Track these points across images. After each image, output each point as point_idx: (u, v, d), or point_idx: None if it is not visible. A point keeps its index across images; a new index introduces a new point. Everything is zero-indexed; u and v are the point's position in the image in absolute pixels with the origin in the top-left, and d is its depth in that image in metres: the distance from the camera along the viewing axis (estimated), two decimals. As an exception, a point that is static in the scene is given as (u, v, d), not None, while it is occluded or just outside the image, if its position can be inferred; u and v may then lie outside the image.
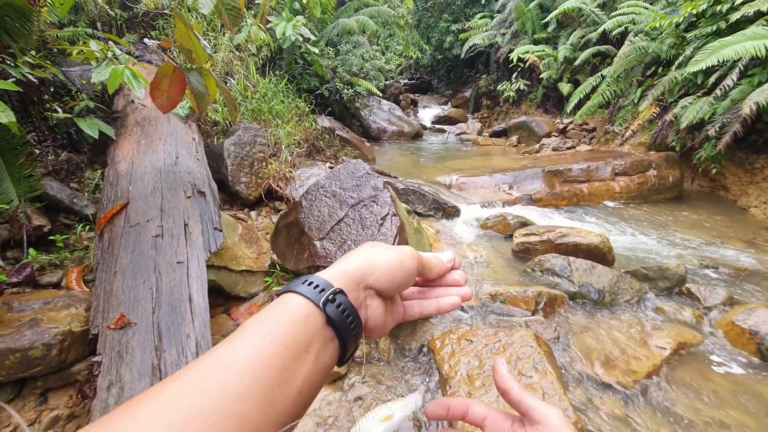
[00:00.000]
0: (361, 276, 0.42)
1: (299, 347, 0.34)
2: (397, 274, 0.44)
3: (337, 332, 0.38)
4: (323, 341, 0.37)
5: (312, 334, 0.36)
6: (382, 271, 0.43)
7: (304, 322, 0.36)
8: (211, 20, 4.31)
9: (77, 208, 2.50)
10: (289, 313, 0.36)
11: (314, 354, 0.36)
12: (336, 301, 0.38)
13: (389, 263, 0.44)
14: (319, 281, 0.39)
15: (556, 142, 7.14)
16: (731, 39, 3.94)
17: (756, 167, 4.34)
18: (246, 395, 0.30)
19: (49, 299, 1.88)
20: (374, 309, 0.43)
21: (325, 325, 0.37)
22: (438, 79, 14.77)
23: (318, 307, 0.37)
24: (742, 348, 2.08)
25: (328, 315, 0.37)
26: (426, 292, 0.52)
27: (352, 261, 0.43)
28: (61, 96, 2.84)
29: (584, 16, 7.86)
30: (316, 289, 0.38)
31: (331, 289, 0.38)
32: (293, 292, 0.38)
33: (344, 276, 0.41)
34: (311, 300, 0.37)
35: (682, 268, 2.67)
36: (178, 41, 1.84)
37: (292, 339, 0.34)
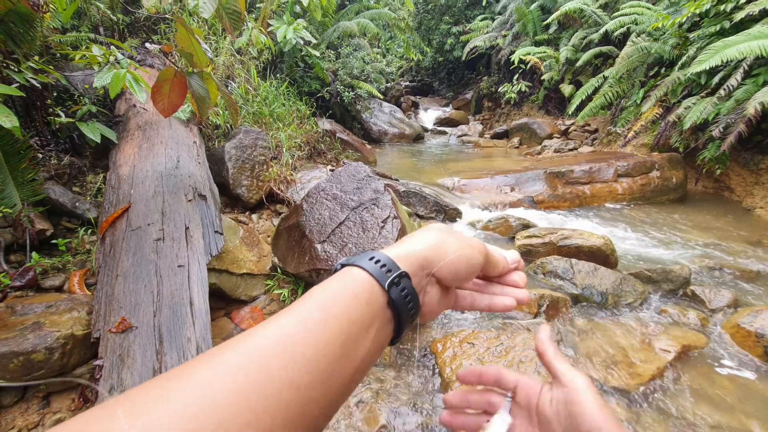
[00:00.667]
0: (426, 262, 0.41)
1: (361, 325, 0.34)
2: (461, 268, 0.43)
3: (396, 315, 0.38)
4: (382, 322, 0.37)
5: (374, 314, 0.36)
6: (448, 261, 0.42)
7: (367, 301, 0.35)
8: (212, 24, 4.34)
9: (79, 212, 2.51)
10: (354, 289, 0.36)
11: (373, 333, 0.35)
12: (400, 284, 0.38)
13: (456, 254, 0.43)
14: (386, 260, 0.38)
15: (558, 143, 7.12)
16: (735, 38, 3.92)
17: (761, 168, 4.31)
18: (309, 368, 0.29)
19: (52, 303, 1.89)
20: (431, 296, 0.43)
21: (386, 306, 0.37)
22: (439, 81, 14.78)
23: (383, 288, 0.37)
24: (749, 351, 2.06)
25: (391, 297, 0.37)
26: (482, 286, 0.51)
27: (420, 243, 0.42)
28: (63, 100, 2.86)
29: (586, 17, 7.85)
30: (383, 268, 0.37)
31: (398, 271, 0.38)
32: (359, 266, 0.38)
33: (410, 258, 0.40)
34: (377, 280, 0.37)
35: (686, 270, 2.65)
36: (180, 45, 1.85)
37: (355, 316, 0.34)
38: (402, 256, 0.40)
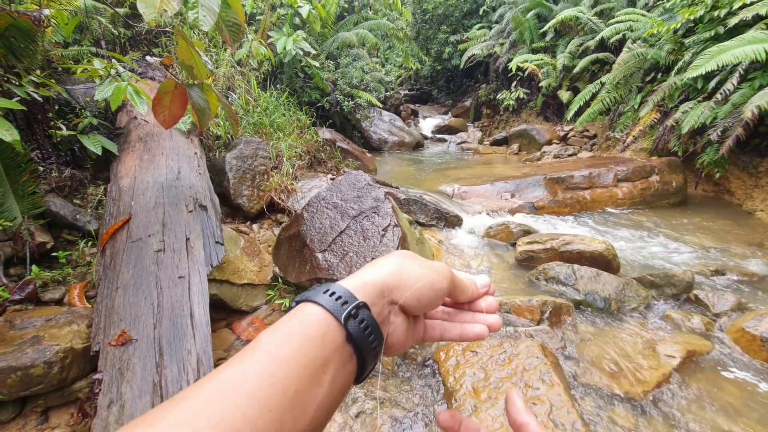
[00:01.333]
0: (386, 289, 0.39)
1: (315, 367, 0.32)
2: (425, 294, 0.41)
3: (357, 350, 0.35)
4: (341, 360, 0.34)
5: (330, 353, 0.33)
6: (409, 287, 0.39)
7: (322, 338, 0.33)
8: (212, 37, 4.38)
9: (80, 224, 2.52)
10: (306, 326, 0.33)
11: (331, 375, 0.33)
12: (359, 316, 0.35)
13: (418, 280, 0.40)
14: (342, 292, 0.36)
15: (557, 149, 7.15)
16: (730, 43, 3.95)
17: (760, 171, 4.31)
18: (256, 425, 0.27)
19: (51, 316, 1.88)
20: (396, 326, 0.40)
21: (344, 343, 0.34)
22: (438, 90, 14.88)
23: (339, 323, 0.34)
24: (754, 355, 2.04)
25: (349, 332, 0.34)
26: (452, 314, 0.48)
27: (378, 270, 0.40)
28: (65, 113, 2.88)
29: (582, 25, 7.93)
30: (338, 300, 0.35)
31: (355, 302, 0.35)
32: (312, 302, 0.35)
33: (368, 287, 0.38)
34: (332, 313, 0.34)
35: (688, 275, 2.63)
36: (180, 58, 1.87)
37: (308, 358, 0.31)
38: (360, 286, 0.37)
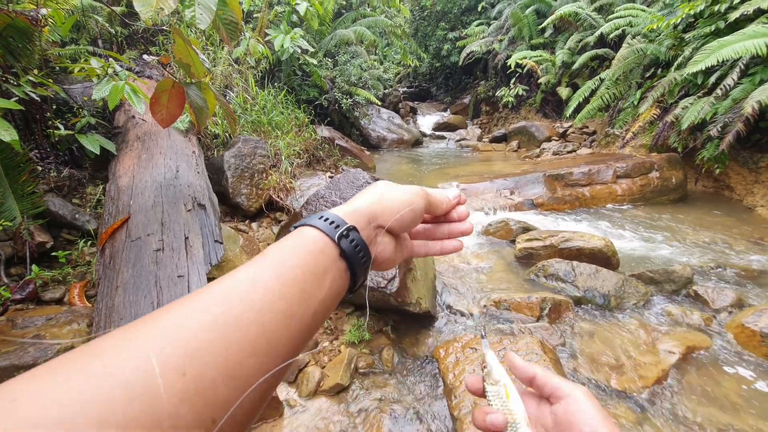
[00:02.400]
0: (371, 215, 0.45)
1: (317, 273, 0.37)
2: (405, 215, 0.47)
3: (350, 264, 0.40)
4: (337, 271, 0.39)
5: (327, 264, 0.38)
6: (391, 211, 0.46)
7: (320, 252, 0.38)
8: (209, 35, 4.37)
9: (79, 224, 2.51)
10: (307, 244, 0.38)
11: (329, 280, 0.38)
12: (349, 236, 0.41)
13: (399, 204, 0.47)
14: (334, 218, 0.41)
15: (557, 146, 7.14)
16: (731, 38, 3.94)
17: (761, 166, 4.31)
18: (270, 308, 0.32)
19: (52, 315, 1.88)
20: (384, 245, 0.46)
21: (339, 258, 0.40)
22: (437, 87, 14.85)
23: (333, 241, 0.39)
24: (753, 351, 2.04)
25: (342, 249, 0.40)
26: (432, 230, 0.56)
27: (364, 199, 0.46)
28: (63, 113, 2.87)
29: (581, 21, 7.90)
30: (332, 225, 0.40)
31: (345, 225, 0.41)
32: (310, 225, 0.40)
33: (356, 214, 0.43)
34: (327, 234, 0.39)
35: (688, 270, 2.64)
36: (177, 56, 1.86)
37: (310, 266, 0.37)
38: (349, 213, 0.43)
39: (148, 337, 0.26)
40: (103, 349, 0.25)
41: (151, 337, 0.26)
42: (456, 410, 1.61)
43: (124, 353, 0.25)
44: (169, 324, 0.27)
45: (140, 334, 0.26)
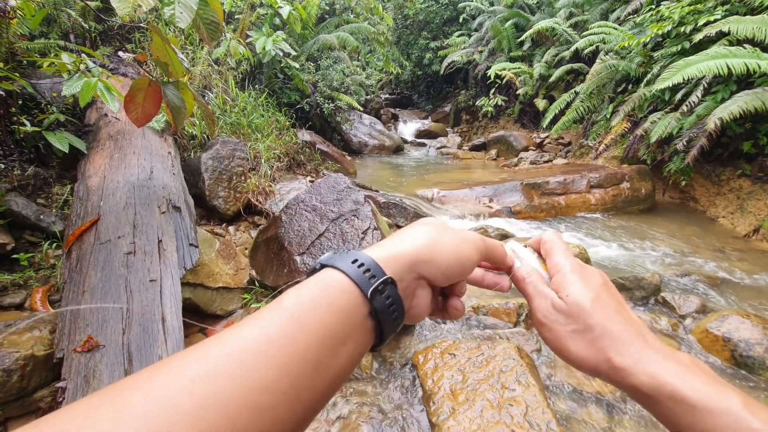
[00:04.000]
0: (415, 262, 0.37)
1: (336, 339, 0.31)
2: (453, 269, 0.39)
3: (378, 325, 0.34)
4: (362, 333, 0.33)
5: (352, 326, 0.32)
6: (440, 262, 0.38)
7: (347, 311, 0.32)
8: (189, 34, 4.28)
9: (44, 225, 2.40)
10: (331, 296, 0.32)
11: (349, 348, 0.32)
12: (385, 292, 0.34)
13: (448, 254, 0.39)
14: (369, 263, 0.34)
15: (534, 155, 7.33)
16: (695, 58, 4.16)
17: (722, 179, 4.54)
18: (272, 387, 0.26)
19: (11, 321, 1.78)
20: (421, 299, 0.39)
21: (367, 317, 0.34)
22: (418, 94, 15.03)
23: (365, 297, 0.33)
24: (717, 355, 2.13)
25: (374, 307, 0.33)
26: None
27: (410, 241, 0.38)
28: (29, 109, 2.74)
29: (557, 36, 8.18)
30: (366, 273, 0.34)
31: (383, 277, 0.34)
32: (338, 269, 0.34)
33: (398, 261, 0.36)
34: (358, 286, 0.33)
35: (657, 278, 2.74)
36: (155, 54, 1.81)
37: (330, 330, 0.31)
38: (389, 258, 0.36)
39: (117, 417, 0.22)
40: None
41: (119, 416, 0.22)
42: (434, 416, 1.61)
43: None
44: (147, 405, 0.23)
45: (107, 414, 0.22)
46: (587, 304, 0.40)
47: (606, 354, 0.38)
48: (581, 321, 0.40)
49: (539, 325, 0.43)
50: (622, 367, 0.37)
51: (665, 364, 0.36)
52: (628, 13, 6.82)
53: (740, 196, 4.31)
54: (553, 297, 0.42)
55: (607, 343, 0.38)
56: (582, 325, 0.40)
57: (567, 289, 0.42)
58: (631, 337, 0.38)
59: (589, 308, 0.40)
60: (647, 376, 0.35)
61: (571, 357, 0.41)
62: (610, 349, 0.38)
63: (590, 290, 0.42)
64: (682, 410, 0.34)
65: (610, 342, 0.38)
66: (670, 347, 0.38)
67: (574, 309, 0.40)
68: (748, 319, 2.19)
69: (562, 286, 0.43)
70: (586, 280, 0.43)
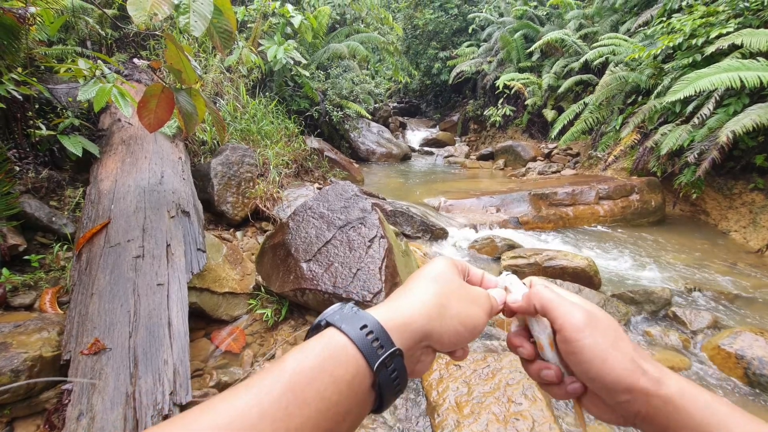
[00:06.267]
0: (425, 335, 0.36)
1: (336, 414, 0.29)
2: (463, 337, 0.38)
3: (380, 394, 0.33)
4: (363, 404, 0.32)
5: (354, 401, 0.31)
6: (448, 331, 0.37)
7: (349, 383, 0.30)
8: (202, 42, 4.36)
9: (56, 227, 2.43)
10: (335, 365, 0.30)
11: (350, 421, 0.31)
12: (391, 365, 0.33)
13: (459, 322, 0.38)
14: (377, 330, 0.33)
15: (542, 166, 7.29)
16: (707, 71, 4.13)
17: (734, 193, 4.48)
18: None
19: (20, 322, 1.79)
20: (425, 364, 0.39)
21: (370, 389, 0.32)
22: (426, 103, 15.09)
23: (370, 368, 0.32)
24: (729, 373, 2.08)
25: (378, 380, 0.32)
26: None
27: (419, 306, 0.37)
28: (45, 113, 2.80)
29: (567, 47, 8.19)
30: (375, 343, 0.32)
31: (391, 349, 0.33)
32: (344, 333, 0.32)
33: (407, 330, 0.35)
34: (364, 356, 0.31)
35: (667, 292, 2.69)
36: (169, 62, 1.85)
37: (330, 403, 0.29)
38: (398, 326, 0.34)
39: None
40: None
41: None
42: (439, 429, 1.59)
43: None
44: None
45: None
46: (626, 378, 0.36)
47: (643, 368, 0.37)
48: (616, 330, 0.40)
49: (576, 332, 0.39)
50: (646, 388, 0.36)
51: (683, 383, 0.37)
52: (639, 25, 6.82)
53: (753, 210, 4.24)
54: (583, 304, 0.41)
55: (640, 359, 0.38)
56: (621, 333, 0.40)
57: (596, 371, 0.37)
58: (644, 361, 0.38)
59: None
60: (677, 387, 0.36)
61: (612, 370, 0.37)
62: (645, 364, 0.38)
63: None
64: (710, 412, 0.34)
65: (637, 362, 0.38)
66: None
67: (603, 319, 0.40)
68: (762, 337, 2.14)
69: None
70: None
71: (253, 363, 2.04)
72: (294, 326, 2.28)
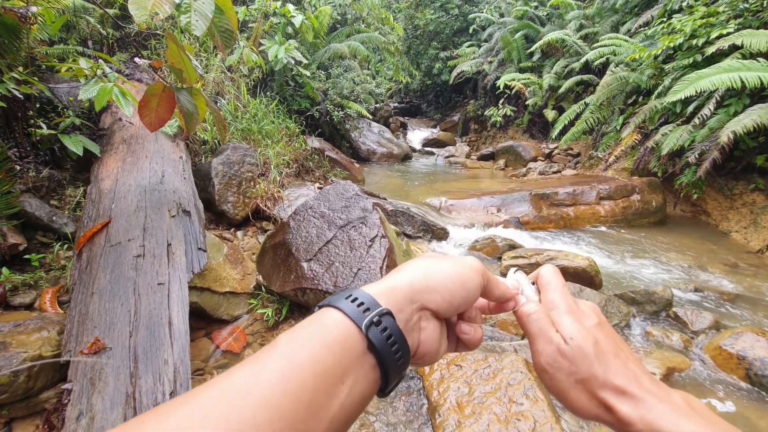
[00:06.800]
0: (413, 293, 0.36)
1: (333, 376, 0.29)
2: (456, 293, 0.38)
3: (380, 361, 0.33)
4: (362, 370, 0.32)
5: (349, 362, 0.31)
6: (440, 289, 0.37)
7: (341, 345, 0.31)
8: (203, 41, 4.36)
9: (56, 226, 2.43)
10: (325, 333, 0.31)
11: (349, 385, 0.31)
12: (382, 324, 0.33)
13: (449, 279, 0.38)
14: (365, 297, 0.34)
15: (542, 166, 7.29)
16: (708, 71, 4.12)
17: (735, 193, 4.47)
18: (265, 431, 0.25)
19: (20, 322, 1.79)
20: (428, 332, 0.38)
21: (365, 352, 0.32)
22: (427, 103, 15.09)
23: (360, 330, 0.32)
24: (731, 373, 2.08)
25: (370, 340, 0.32)
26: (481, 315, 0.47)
27: (404, 275, 0.38)
28: (46, 112, 2.80)
29: (567, 47, 8.19)
30: (360, 307, 0.33)
31: (377, 309, 0.33)
32: (333, 307, 0.33)
33: (394, 293, 0.35)
34: (353, 320, 0.32)
35: (668, 292, 2.69)
36: (170, 61, 1.84)
37: (325, 365, 0.29)
38: (384, 291, 0.35)
39: None
40: None
41: None
42: (440, 429, 1.59)
43: None
44: None
45: None
46: (590, 350, 0.38)
47: (607, 404, 0.37)
48: (584, 369, 0.38)
49: (541, 371, 0.41)
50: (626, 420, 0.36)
51: (660, 407, 0.35)
52: (639, 26, 6.81)
53: (753, 211, 4.24)
54: (559, 341, 0.40)
55: (608, 393, 0.37)
56: (585, 373, 0.38)
57: (565, 331, 0.40)
58: (629, 382, 0.37)
59: (593, 355, 0.38)
60: (644, 425, 0.35)
61: (573, 406, 0.39)
62: (611, 399, 0.37)
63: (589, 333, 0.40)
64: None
65: (611, 392, 0.37)
66: (665, 387, 0.38)
67: (578, 355, 0.38)
68: (763, 337, 2.14)
69: (558, 327, 0.41)
70: (582, 321, 0.41)
71: (253, 363, 2.04)
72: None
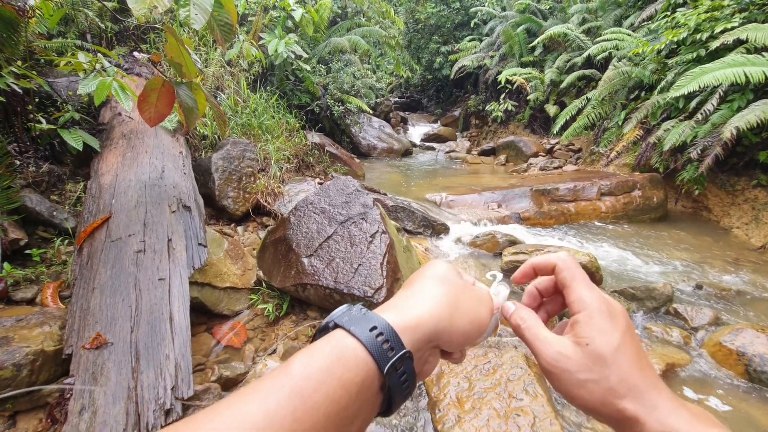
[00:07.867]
0: (436, 335, 0.36)
1: (344, 418, 0.29)
2: (471, 336, 0.39)
3: (389, 397, 0.33)
4: (371, 407, 0.32)
5: (363, 403, 0.30)
6: (459, 331, 0.37)
7: (359, 387, 0.30)
8: (202, 35, 4.33)
9: (57, 222, 2.43)
10: (343, 371, 0.30)
11: (359, 424, 0.31)
12: (401, 368, 0.32)
13: (468, 323, 0.38)
14: (387, 332, 0.32)
15: (543, 161, 7.27)
16: (711, 66, 4.09)
17: (737, 189, 4.46)
18: None
19: (22, 316, 1.80)
20: (431, 365, 0.39)
21: (379, 392, 0.32)
22: (428, 98, 15.03)
23: (379, 372, 0.31)
24: (730, 369, 2.08)
25: (387, 384, 0.32)
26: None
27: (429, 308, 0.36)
28: (45, 107, 2.79)
29: (569, 41, 8.13)
30: (379, 338, 0.32)
31: (401, 351, 0.32)
32: (352, 334, 0.32)
33: (416, 332, 0.34)
34: (374, 358, 0.31)
35: (668, 288, 2.69)
36: (169, 55, 1.83)
37: (339, 407, 0.28)
38: (409, 328, 0.34)
39: None
40: None
41: None
42: (440, 424, 1.59)
43: None
44: None
45: None
46: (609, 355, 0.36)
47: (620, 404, 0.36)
48: (597, 371, 0.37)
49: (546, 372, 0.39)
50: (635, 417, 0.35)
51: (678, 412, 0.34)
52: (643, 20, 6.76)
53: (755, 207, 4.22)
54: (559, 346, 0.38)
55: (623, 392, 0.36)
56: (597, 375, 0.36)
57: (590, 335, 0.37)
58: (648, 386, 0.36)
59: (610, 359, 0.36)
60: (659, 424, 0.34)
61: (581, 403, 0.38)
62: (625, 399, 0.36)
63: (616, 339, 0.37)
64: None
65: (626, 392, 0.36)
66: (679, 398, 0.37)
67: (592, 359, 0.37)
68: (763, 333, 2.14)
69: (586, 330, 0.38)
70: (615, 324, 0.38)
71: (254, 358, 2.04)
72: (295, 321, 2.28)
